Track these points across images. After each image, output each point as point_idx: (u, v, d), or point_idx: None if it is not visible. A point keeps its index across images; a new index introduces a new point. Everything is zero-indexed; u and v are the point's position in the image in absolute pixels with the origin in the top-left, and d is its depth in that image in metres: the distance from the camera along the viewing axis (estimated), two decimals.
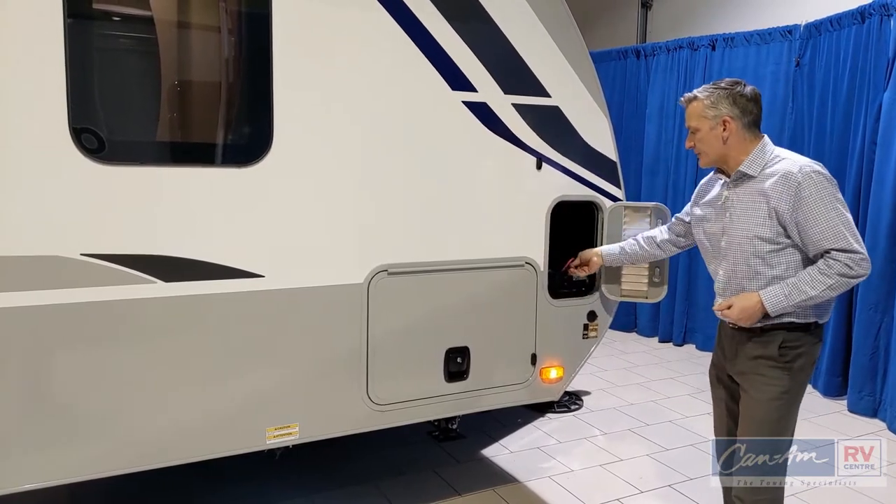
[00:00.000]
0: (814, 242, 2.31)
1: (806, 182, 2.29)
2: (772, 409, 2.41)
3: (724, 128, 2.41)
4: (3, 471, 2.51)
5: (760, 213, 2.38)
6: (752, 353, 2.44)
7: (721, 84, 2.45)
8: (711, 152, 2.48)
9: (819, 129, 5.46)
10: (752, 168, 2.41)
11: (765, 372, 2.41)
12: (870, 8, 4.97)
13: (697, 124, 2.46)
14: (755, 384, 2.43)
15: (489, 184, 3.38)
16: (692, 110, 2.48)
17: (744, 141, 2.43)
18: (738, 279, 2.46)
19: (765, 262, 2.39)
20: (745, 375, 2.47)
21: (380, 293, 3.10)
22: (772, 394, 2.39)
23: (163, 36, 2.80)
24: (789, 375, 2.39)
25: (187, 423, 2.77)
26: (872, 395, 4.83)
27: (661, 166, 6.74)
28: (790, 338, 2.39)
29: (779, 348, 2.38)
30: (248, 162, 2.79)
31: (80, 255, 2.51)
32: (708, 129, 2.44)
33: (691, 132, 2.51)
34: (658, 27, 7.52)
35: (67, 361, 2.55)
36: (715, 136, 2.44)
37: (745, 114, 2.42)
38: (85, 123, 2.51)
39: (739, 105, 2.41)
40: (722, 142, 2.43)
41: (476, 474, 3.81)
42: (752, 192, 2.41)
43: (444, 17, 3.13)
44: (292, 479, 3.68)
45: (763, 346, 2.42)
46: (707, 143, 2.47)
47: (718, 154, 2.47)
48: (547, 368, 3.65)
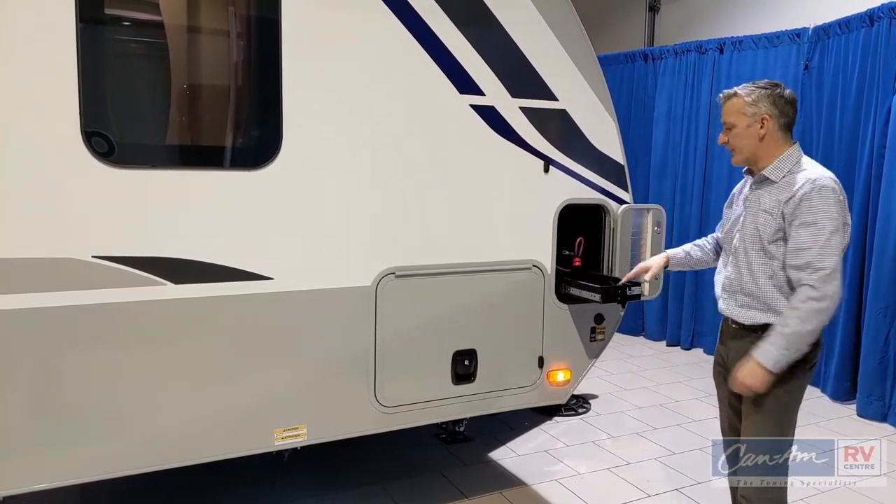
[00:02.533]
0: (790, 251, 2.35)
1: (813, 193, 2.31)
2: (773, 410, 2.43)
3: (762, 125, 2.42)
4: (16, 470, 2.53)
5: (772, 218, 2.40)
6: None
7: (761, 84, 2.46)
8: (745, 150, 2.47)
9: (828, 133, 5.44)
10: (774, 173, 2.43)
11: None
12: (879, 11, 4.95)
13: (735, 120, 2.46)
14: None
15: (496, 187, 3.39)
16: (731, 106, 2.47)
17: (776, 143, 2.44)
18: (745, 277, 2.48)
19: (768, 263, 2.42)
20: None
21: (388, 296, 3.12)
22: (774, 394, 2.40)
23: (173, 40, 2.82)
24: (789, 374, 2.39)
25: (196, 425, 2.78)
26: (882, 400, 4.81)
27: (668, 170, 6.73)
28: None
29: None
30: (258, 165, 2.81)
31: (92, 258, 2.54)
32: (745, 125, 2.44)
33: (727, 128, 2.50)
34: (666, 30, 7.51)
35: (78, 362, 2.58)
36: (751, 133, 2.44)
37: (783, 115, 2.43)
38: (97, 127, 2.54)
39: (778, 106, 2.42)
40: (758, 139, 2.44)
41: (483, 477, 3.81)
42: (770, 196, 2.43)
43: (451, 21, 3.15)
44: (299, 481, 3.69)
45: None
46: (742, 140, 2.46)
47: (751, 152, 2.47)
48: (554, 371, 3.66)
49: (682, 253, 3.04)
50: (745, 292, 2.49)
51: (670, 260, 3.03)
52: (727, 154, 2.60)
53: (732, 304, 2.54)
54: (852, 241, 5.09)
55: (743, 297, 2.50)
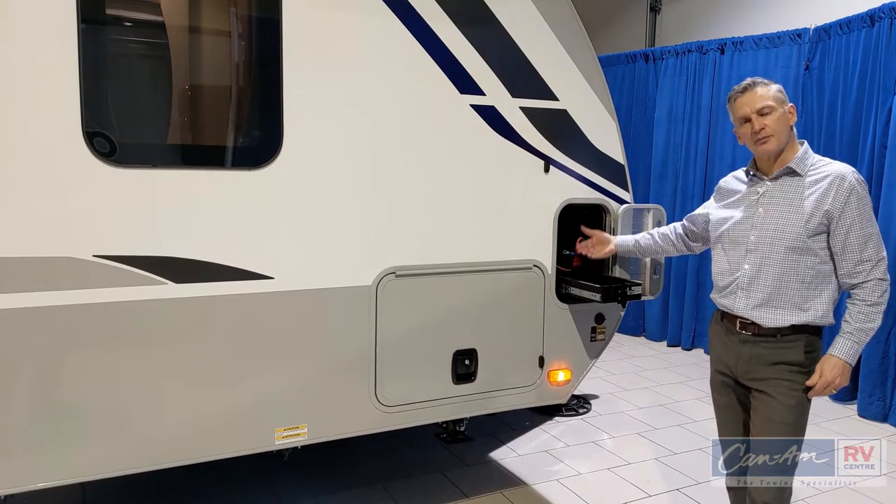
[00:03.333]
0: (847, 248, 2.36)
1: (858, 187, 2.35)
2: (795, 413, 2.41)
3: (792, 114, 2.44)
4: (18, 469, 2.54)
5: (803, 212, 2.37)
6: (773, 359, 2.42)
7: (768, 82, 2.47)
8: (782, 135, 2.42)
9: (829, 133, 5.44)
10: (801, 166, 2.42)
11: (789, 377, 2.40)
12: (879, 11, 4.95)
13: (774, 104, 2.40)
14: (779, 389, 2.40)
15: (497, 187, 3.39)
16: (763, 93, 2.41)
17: (791, 135, 2.46)
18: (768, 274, 2.42)
19: (795, 259, 2.39)
20: (766, 381, 2.44)
21: (388, 295, 3.12)
22: (796, 398, 2.40)
23: (174, 40, 2.83)
24: (807, 378, 2.40)
25: (196, 424, 2.79)
26: (882, 400, 4.81)
27: (669, 170, 6.73)
28: (811, 341, 2.41)
29: (805, 353, 2.39)
30: (259, 165, 2.81)
31: (93, 257, 2.54)
32: (782, 111, 2.41)
33: (761, 114, 2.40)
34: (667, 31, 7.51)
35: (79, 362, 2.58)
36: (786, 120, 2.42)
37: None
38: (98, 127, 2.54)
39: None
40: (788, 127, 2.43)
41: (484, 477, 3.81)
42: (796, 189, 2.41)
43: (452, 21, 3.15)
44: (300, 480, 3.69)
45: (784, 351, 2.41)
46: (781, 125, 2.41)
47: (782, 141, 2.43)
48: (555, 371, 3.66)
49: (630, 240, 3.25)
50: (768, 289, 2.42)
51: (617, 245, 3.30)
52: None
53: (752, 302, 2.45)
54: None
55: (766, 295, 2.42)
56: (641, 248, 3.21)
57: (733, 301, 2.51)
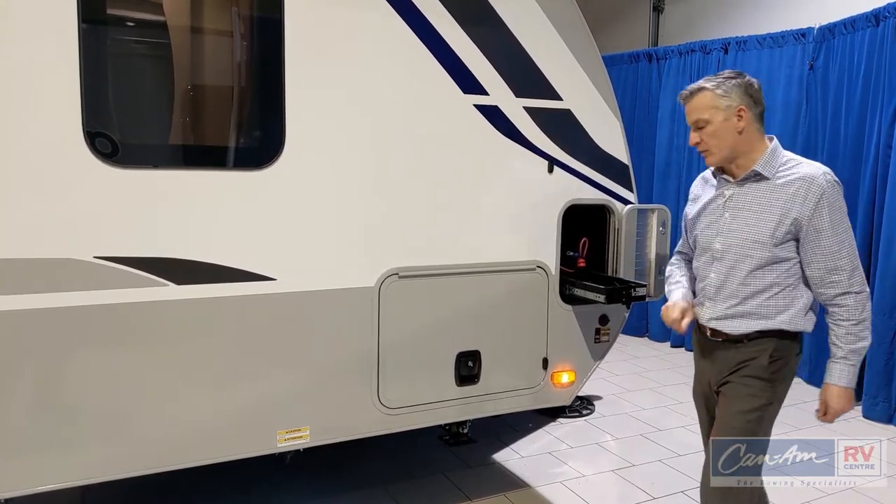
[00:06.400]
0: (817, 256, 2.22)
1: (830, 191, 2.20)
2: (749, 422, 2.29)
3: (740, 118, 2.24)
4: (20, 472, 2.53)
5: (771, 217, 2.24)
6: (737, 360, 2.33)
7: (727, 74, 2.30)
8: (724, 147, 2.28)
9: (833, 133, 5.42)
10: (767, 169, 2.26)
11: (749, 383, 2.30)
12: (884, 11, 4.93)
13: (709, 116, 2.26)
14: (738, 395, 2.32)
15: (500, 187, 3.37)
16: (700, 102, 2.28)
17: (758, 135, 2.29)
18: (733, 285, 2.31)
19: (762, 267, 2.27)
20: (729, 385, 2.35)
21: (391, 297, 3.10)
22: (753, 405, 2.29)
23: (175, 41, 2.82)
24: (772, 388, 2.29)
25: (199, 426, 2.77)
26: (887, 402, 4.78)
27: (672, 170, 6.71)
28: (780, 346, 2.29)
29: (769, 360, 2.28)
30: (260, 165, 2.80)
31: (94, 258, 2.53)
32: (722, 119, 2.24)
33: (697, 127, 2.30)
34: (670, 30, 7.49)
35: (80, 364, 2.57)
36: (729, 127, 2.25)
37: (757, 104, 2.28)
38: (99, 127, 2.53)
39: (751, 95, 2.26)
40: (736, 133, 2.25)
41: (487, 479, 3.79)
42: (763, 193, 2.27)
43: (455, 21, 3.14)
44: (302, 482, 3.68)
45: (750, 356, 2.30)
46: (720, 137, 2.27)
47: (731, 149, 2.28)
48: (559, 373, 3.64)
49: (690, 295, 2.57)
50: (735, 299, 2.31)
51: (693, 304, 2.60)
52: None
53: (717, 312, 2.35)
54: (857, 240, 5.07)
55: (733, 305, 2.31)
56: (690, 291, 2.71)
57: (700, 311, 2.42)
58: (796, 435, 4.57)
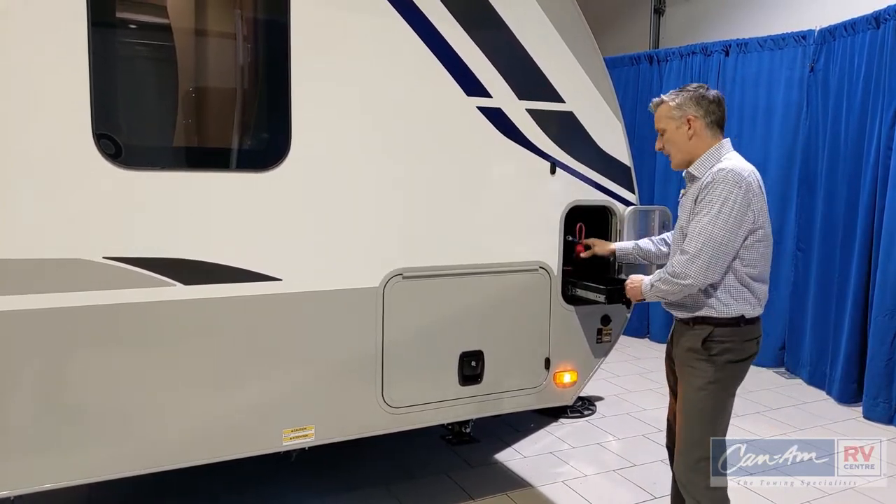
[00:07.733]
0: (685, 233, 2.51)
1: (722, 185, 2.41)
2: (698, 400, 2.53)
3: (689, 126, 2.55)
4: (24, 470, 2.55)
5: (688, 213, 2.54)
6: (685, 345, 2.58)
7: (686, 87, 2.60)
8: (678, 152, 2.61)
9: (833, 135, 5.44)
10: (699, 169, 2.55)
11: (693, 364, 2.55)
12: (885, 13, 4.95)
13: (664, 125, 2.61)
14: (685, 375, 2.59)
15: (503, 188, 3.40)
16: (660, 113, 2.63)
17: (706, 141, 2.56)
18: None
19: None
20: (680, 367, 2.63)
21: (395, 297, 3.13)
22: (697, 384, 2.52)
23: (182, 43, 2.84)
24: (714, 367, 2.50)
25: (205, 425, 2.80)
26: (888, 402, 4.80)
27: (673, 171, 6.65)
28: (717, 332, 2.50)
29: (703, 342, 2.51)
30: (267, 167, 2.82)
31: (103, 259, 2.55)
32: (674, 128, 2.58)
33: (660, 134, 2.65)
34: (671, 33, 7.52)
35: (87, 363, 2.59)
36: (681, 134, 2.57)
37: (708, 114, 2.55)
38: (108, 129, 2.55)
39: (703, 105, 2.54)
40: (687, 139, 2.56)
41: (489, 479, 3.82)
42: (693, 192, 2.54)
43: (458, 23, 3.16)
44: (306, 481, 3.70)
45: (692, 338, 2.55)
46: (674, 143, 2.60)
47: (685, 153, 2.59)
48: (561, 373, 3.66)
49: (630, 245, 3.28)
50: None
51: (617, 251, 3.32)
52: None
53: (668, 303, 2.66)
54: (858, 241, 5.09)
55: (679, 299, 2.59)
56: (641, 251, 3.24)
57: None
58: (796, 435, 4.59)
